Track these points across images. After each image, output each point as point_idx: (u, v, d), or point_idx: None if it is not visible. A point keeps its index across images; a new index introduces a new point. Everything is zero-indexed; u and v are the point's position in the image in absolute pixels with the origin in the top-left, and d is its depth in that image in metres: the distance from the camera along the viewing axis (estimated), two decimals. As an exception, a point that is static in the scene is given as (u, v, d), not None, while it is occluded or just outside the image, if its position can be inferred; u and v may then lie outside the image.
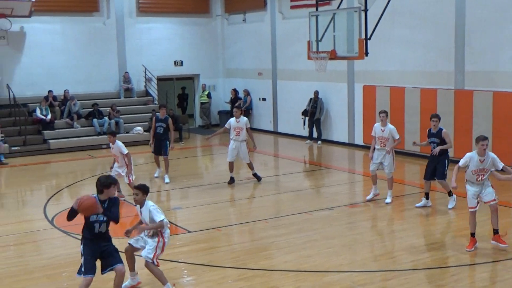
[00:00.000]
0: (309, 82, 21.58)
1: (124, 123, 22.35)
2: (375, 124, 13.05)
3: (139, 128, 22.32)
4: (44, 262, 9.69)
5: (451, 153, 17.01)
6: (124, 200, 13.28)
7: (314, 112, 21.22)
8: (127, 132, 22.25)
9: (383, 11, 14.69)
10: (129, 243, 8.34)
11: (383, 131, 12.61)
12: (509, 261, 9.16)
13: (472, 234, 9.64)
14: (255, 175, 15.18)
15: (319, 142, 21.31)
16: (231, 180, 14.99)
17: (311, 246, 10.13)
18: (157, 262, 8.06)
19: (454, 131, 16.69)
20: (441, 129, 11.96)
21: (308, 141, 21.59)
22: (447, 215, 12.14)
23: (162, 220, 8.01)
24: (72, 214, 7.48)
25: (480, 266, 9.00)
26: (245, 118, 15.00)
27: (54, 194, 14.51)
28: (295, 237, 10.64)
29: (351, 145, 20.32)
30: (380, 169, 12.80)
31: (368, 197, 12.95)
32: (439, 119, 12.08)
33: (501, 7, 15.51)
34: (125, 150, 13.16)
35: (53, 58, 22.98)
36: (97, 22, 24.05)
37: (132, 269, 8.38)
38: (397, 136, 12.63)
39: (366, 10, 14.27)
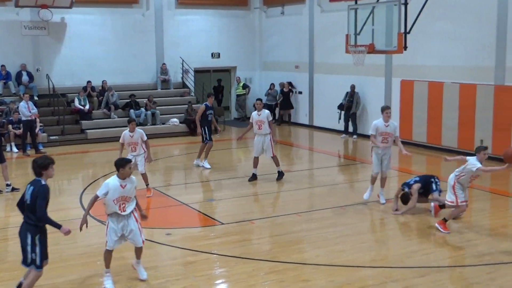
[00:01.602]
0: (346, 76, 21.43)
1: (161, 114, 22.54)
2: (376, 122, 11.98)
3: (175, 119, 22.50)
4: (79, 250, 9.85)
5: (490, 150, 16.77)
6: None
7: (350, 106, 21.08)
8: (163, 123, 22.44)
9: (423, 5, 14.50)
10: None
11: (386, 126, 11.88)
12: (547, 261, 9.00)
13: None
14: (279, 172, 14.61)
15: (355, 136, 21.16)
16: (253, 177, 14.57)
17: (343, 240, 10.09)
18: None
19: (493, 128, 16.43)
20: None
21: (344, 135, 21.46)
22: (484, 212, 11.98)
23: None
24: None
25: (517, 265, 8.85)
26: (267, 111, 14.66)
27: (90, 184, 14.72)
28: (327, 232, 10.61)
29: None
30: None
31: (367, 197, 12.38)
32: None
33: (545, 1, 15.18)
34: (146, 137, 13.10)
35: (92, 49, 23.25)
36: (136, 14, 24.27)
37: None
38: (398, 133, 12.12)
39: (406, 4, 14.11)
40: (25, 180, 15.11)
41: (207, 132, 16.04)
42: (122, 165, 8.22)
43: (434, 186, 11.70)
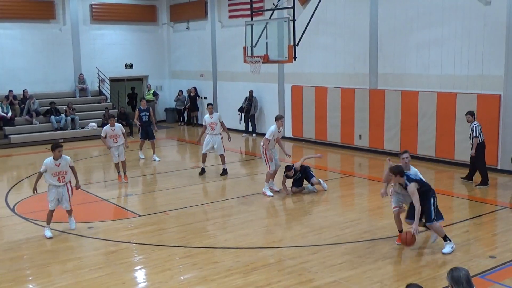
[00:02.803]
0: (245, 82, 21.60)
1: (80, 120, 21.80)
2: (273, 128, 12.24)
3: (94, 124, 21.85)
4: (6, 246, 9.35)
5: (365, 142, 17.45)
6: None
7: (249, 109, 21.27)
8: (83, 128, 21.73)
9: (308, 21, 14.81)
10: None
11: (279, 132, 12.40)
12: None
13: None
14: (224, 169, 14.58)
15: (254, 135, 21.38)
16: (202, 171, 14.57)
17: (247, 226, 10.17)
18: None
19: (369, 124, 17.08)
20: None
21: (245, 134, 21.62)
22: (362, 196, 12.42)
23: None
24: None
25: (392, 239, 9.23)
26: (218, 114, 14.66)
27: (15, 184, 14.02)
28: (234, 218, 10.66)
29: (281, 137, 20.43)
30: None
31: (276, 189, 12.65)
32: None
33: (407, 19, 15.93)
34: (124, 129, 13.96)
35: (13, 61, 22.17)
36: (54, 29, 23.29)
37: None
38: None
39: (294, 20, 14.34)
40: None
41: (142, 130, 16.71)
42: (52, 149, 9.57)
43: (311, 173, 12.62)
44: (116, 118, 14.50)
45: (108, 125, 13.87)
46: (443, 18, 15.01)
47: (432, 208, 8.45)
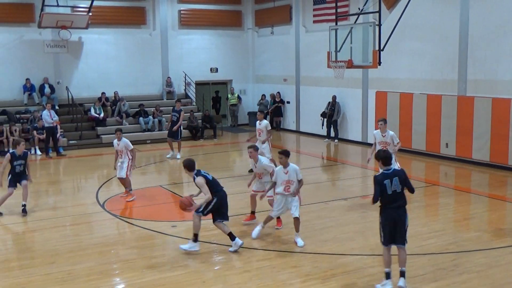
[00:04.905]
0: (328, 87, 21.46)
1: (166, 122, 22.45)
2: (375, 131, 12.44)
3: (179, 126, 22.43)
4: (95, 241, 9.81)
5: (451, 151, 16.82)
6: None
7: (332, 114, 21.10)
8: (169, 130, 22.39)
9: (395, 26, 14.56)
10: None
11: (384, 136, 12.17)
12: (505, 248, 9.02)
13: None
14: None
15: (336, 140, 21.18)
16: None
17: (327, 231, 10.09)
18: None
19: (457, 132, 16.46)
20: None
21: (327, 139, 21.48)
22: (448, 206, 11.99)
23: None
24: None
25: (479, 252, 8.86)
26: (265, 121, 14.73)
27: (105, 182, 14.67)
28: (313, 224, 10.60)
29: (364, 143, 20.16)
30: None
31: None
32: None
33: (500, 22, 15.24)
34: (131, 146, 12.57)
35: (106, 64, 23.25)
36: (144, 34, 24.25)
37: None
38: (397, 140, 12.24)
39: (380, 25, 14.16)
40: (47, 180, 15.15)
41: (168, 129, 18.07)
42: (284, 155, 9.30)
43: None
44: (121, 131, 12.79)
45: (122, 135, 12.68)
46: (540, 22, 14.24)
47: (210, 206, 9.12)
